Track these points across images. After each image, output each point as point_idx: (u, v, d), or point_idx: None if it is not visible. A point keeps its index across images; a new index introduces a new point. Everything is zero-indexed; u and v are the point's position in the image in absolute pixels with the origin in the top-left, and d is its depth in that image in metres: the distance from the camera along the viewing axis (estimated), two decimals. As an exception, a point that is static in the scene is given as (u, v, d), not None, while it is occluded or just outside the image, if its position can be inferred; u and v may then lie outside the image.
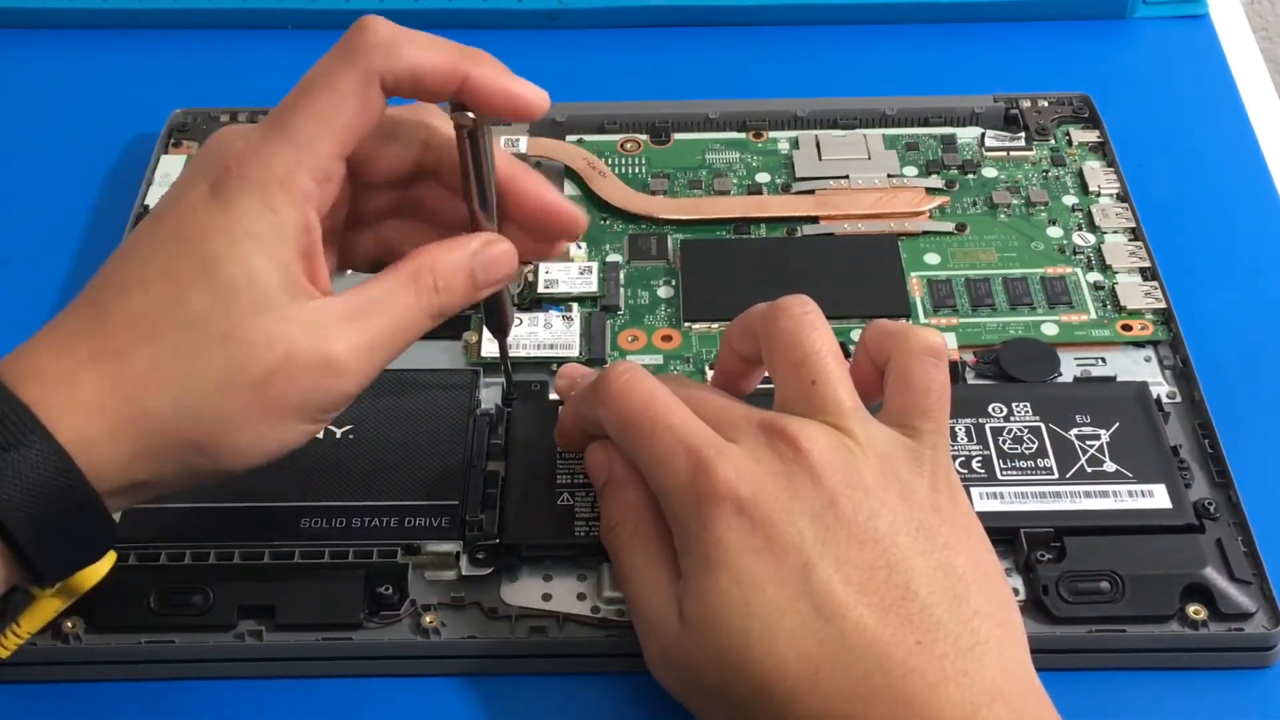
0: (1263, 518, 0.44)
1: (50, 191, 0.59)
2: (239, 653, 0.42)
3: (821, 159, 0.57)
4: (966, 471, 0.44)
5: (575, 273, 0.52)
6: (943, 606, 0.35)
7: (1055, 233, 0.54)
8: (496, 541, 0.43)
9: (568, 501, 0.43)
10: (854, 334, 0.50)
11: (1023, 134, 0.58)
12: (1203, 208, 0.57)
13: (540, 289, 0.52)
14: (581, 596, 0.43)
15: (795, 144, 0.58)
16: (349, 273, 0.43)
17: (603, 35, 0.66)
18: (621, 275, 0.53)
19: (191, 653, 0.42)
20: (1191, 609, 0.42)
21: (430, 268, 0.38)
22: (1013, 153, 0.58)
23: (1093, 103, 0.59)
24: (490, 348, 0.49)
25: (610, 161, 0.57)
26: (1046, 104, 0.59)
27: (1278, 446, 0.48)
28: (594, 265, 0.53)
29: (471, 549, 0.43)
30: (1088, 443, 0.45)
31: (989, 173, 0.57)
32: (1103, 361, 0.50)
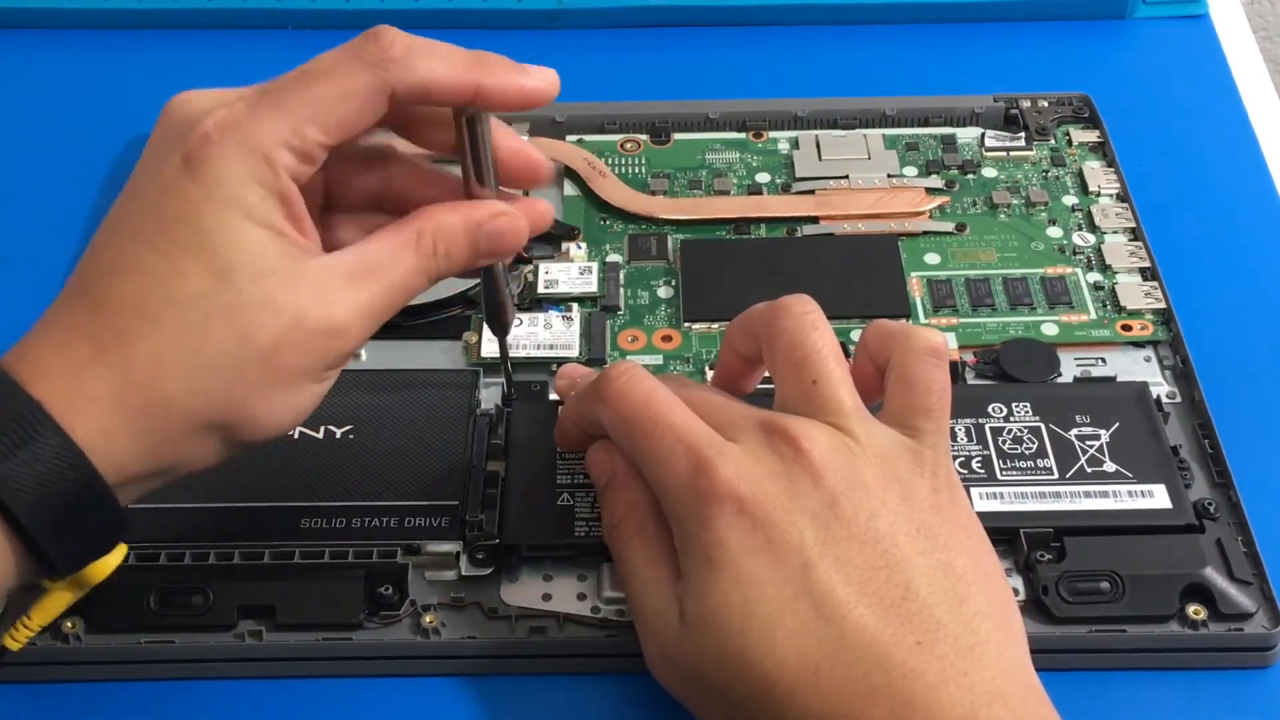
0: (1263, 518, 0.44)
1: (50, 191, 0.59)
2: (239, 653, 0.42)
3: (821, 159, 0.57)
4: (966, 472, 0.44)
5: (575, 273, 0.52)
6: (943, 607, 0.35)
7: (1055, 233, 0.54)
8: (496, 541, 0.43)
9: (568, 501, 0.43)
10: (854, 334, 0.50)
11: (1023, 134, 0.58)
12: (1203, 208, 0.57)
13: (540, 289, 0.52)
14: (581, 596, 0.43)
15: (795, 144, 0.58)
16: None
17: (603, 35, 0.66)
18: (621, 275, 0.53)
19: (191, 653, 0.42)
20: (1191, 609, 0.42)
21: (433, 231, 0.38)
22: (1013, 153, 0.58)
23: (1093, 103, 0.59)
24: (490, 348, 0.49)
25: (610, 161, 0.57)
26: (1046, 104, 0.59)
27: (1278, 446, 0.48)
28: (594, 265, 0.53)
29: (471, 549, 0.43)
30: (1088, 443, 0.45)
31: (989, 173, 0.57)
32: (1103, 361, 0.49)
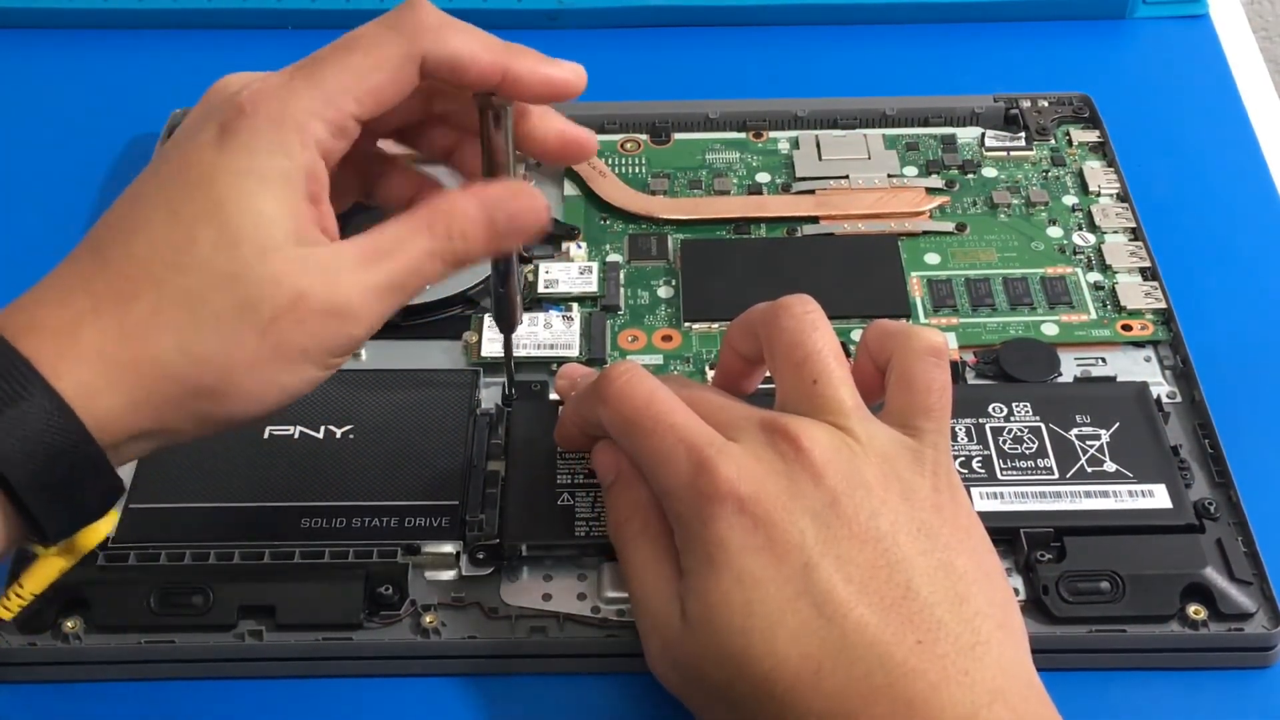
0: (1263, 518, 0.44)
1: (50, 191, 0.59)
2: (239, 653, 0.42)
3: (821, 159, 0.57)
4: (967, 471, 0.44)
5: (575, 273, 0.52)
6: (944, 606, 0.35)
7: (1055, 233, 0.54)
8: (496, 541, 0.43)
9: (568, 501, 0.43)
10: (854, 334, 0.50)
11: (1023, 134, 0.58)
12: (1203, 208, 0.57)
13: (540, 289, 0.52)
14: (582, 596, 0.43)
15: (795, 144, 0.58)
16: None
17: (603, 35, 0.66)
18: (621, 275, 0.53)
19: (191, 653, 0.42)
20: (1191, 609, 0.42)
21: (447, 213, 0.38)
22: (1013, 153, 0.58)
23: (1093, 103, 0.59)
24: (490, 348, 0.49)
25: (610, 161, 0.57)
26: (1046, 104, 0.59)
27: (1278, 446, 0.48)
28: (594, 265, 0.53)
29: (471, 549, 0.43)
30: (1088, 443, 0.45)
31: (989, 173, 0.57)
32: (1103, 361, 0.49)
